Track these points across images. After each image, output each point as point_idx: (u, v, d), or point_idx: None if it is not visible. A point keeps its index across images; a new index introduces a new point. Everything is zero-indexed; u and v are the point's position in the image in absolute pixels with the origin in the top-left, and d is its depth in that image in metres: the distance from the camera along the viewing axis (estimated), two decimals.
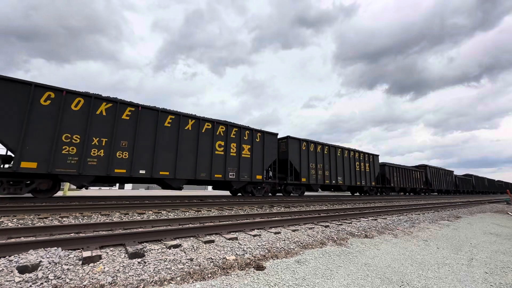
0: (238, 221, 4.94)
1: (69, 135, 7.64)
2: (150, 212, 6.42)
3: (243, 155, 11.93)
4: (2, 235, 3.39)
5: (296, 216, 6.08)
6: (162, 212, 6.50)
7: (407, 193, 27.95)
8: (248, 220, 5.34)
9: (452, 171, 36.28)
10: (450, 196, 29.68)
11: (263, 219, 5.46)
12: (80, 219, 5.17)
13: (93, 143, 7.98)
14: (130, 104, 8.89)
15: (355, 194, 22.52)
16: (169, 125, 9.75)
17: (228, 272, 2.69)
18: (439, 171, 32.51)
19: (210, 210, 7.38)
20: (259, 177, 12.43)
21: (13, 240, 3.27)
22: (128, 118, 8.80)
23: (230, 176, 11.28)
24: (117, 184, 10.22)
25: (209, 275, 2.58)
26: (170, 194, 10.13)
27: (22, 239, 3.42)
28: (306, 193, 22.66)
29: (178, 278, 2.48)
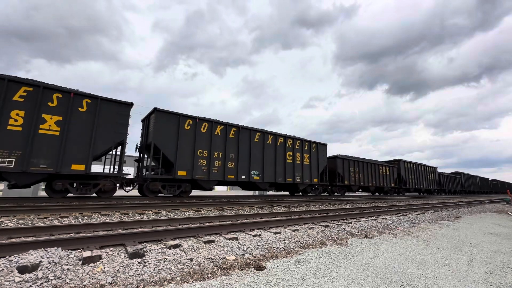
0: (238, 221, 4.94)
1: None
2: (150, 212, 6.42)
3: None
4: (2, 235, 3.39)
5: (296, 216, 6.08)
6: (162, 212, 6.50)
7: (371, 193, 23.19)
8: (248, 220, 5.34)
9: (436, 168, 32.45)
10: (432, 197, 25.88)
11: (263, 219, 5.46)
12: (80, 219, 5.17)
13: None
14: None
15: (375, 194, 24.17)
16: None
17: (228, 272, 2.69)
18: (417, 167, 28.17)
19: (210, 210, 7.38)
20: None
21: (13, 240, 3.27)
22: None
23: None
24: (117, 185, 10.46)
25: (209, 275, 2.58)
26: (160, 194, 10.21)
27: (22, 239, 3.42)
28: (346, 193, 22.64)
29: (178, 278, 2.48)
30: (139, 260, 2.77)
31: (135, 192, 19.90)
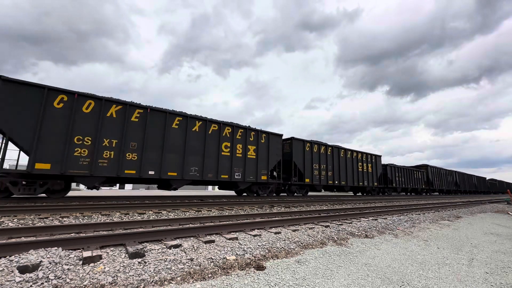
0: (239, 221, 4.94)
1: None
2: (150, 212, 6.43)
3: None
4: (2, 235, 3.40)
5: (297, 216, 6.08)
6: (163, 212, 6.50)
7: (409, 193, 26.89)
8: (249, 220, 5.34)
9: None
10: (433, 197, 24.54)
11: (263, 219, 5.46)
12: (80, 219, 5.18)
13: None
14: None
15: (357, 194, 22.76)
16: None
17: (228, 272, 2.69)
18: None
19: (211, 210, 7.38)
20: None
21: (13, 240, 3.27)
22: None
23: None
24: (117, 184, 10.30)
25: (210, 275, 2.58)
26: (170, 194, 10.16)
27: (23, 239, 3.42)
28: (310, 193, 22.40)
29: (179, 278, 2.48)
30: (140, 260, 2.77)
31: (135, 192, 19.68)
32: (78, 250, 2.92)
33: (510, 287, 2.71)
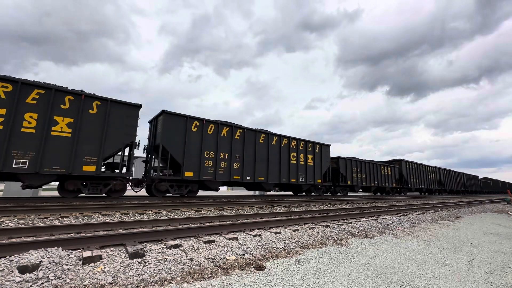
0: (239, 221, 4.94)
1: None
2: (150, 212, 6.43)
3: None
4: (2, 235, 3.40)
5: (297, 216, 6.08)
6: (163, 212, 6.50)
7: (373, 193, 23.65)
8: (249, 220, 5.34)
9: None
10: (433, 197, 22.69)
11: (263, 219, 5.46)
12: (80, 219, 5.18)
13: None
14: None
15: (377, 194, 24.29)
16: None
17: (228, 272, 2.69)
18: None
19: (211, 210, 7.38)
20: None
21: (13, 240, 3.27)
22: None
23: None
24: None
25: (210, 275, 2.58)
26: (168, 194, 10.26)
27: (23, 239, 3.42)
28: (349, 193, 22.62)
29: (179, 278, 2.48)
30: (140, 260, 2.77)
31: (143, 192, 19.93)
32: (78, 250, 2.92)
33: (510, 287, 2.71)
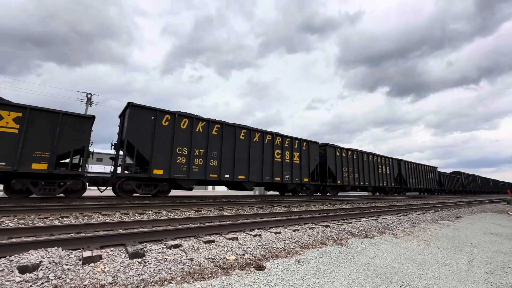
0: (239, 221, 4.94)
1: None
2: (150, 212, 6.43)
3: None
4: (2, 235, 3.40)
5: (297, 216, 6.08)
6: (163, 212, 6.50)
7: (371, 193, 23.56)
8: (249, 220, 5.34)
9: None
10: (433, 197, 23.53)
11: (263, 219, 5.46)
12: (80, 219, 5.18)
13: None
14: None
15: (375, 194, 24.21)
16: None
17: (228, 272, 2.69)
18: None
19: (211, 210, 7.38)
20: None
21: (13, 240, 3.27)
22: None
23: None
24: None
25: (210, 275, 2.58)
26: (170, 194, 10.23)
27: (23, 239, 3.42)
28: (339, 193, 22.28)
29: (179, 278, 2.48)
30: (140, 260, 2.77)
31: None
32: (78, 250, 2.91)
33: (510, 287, 2.71)
